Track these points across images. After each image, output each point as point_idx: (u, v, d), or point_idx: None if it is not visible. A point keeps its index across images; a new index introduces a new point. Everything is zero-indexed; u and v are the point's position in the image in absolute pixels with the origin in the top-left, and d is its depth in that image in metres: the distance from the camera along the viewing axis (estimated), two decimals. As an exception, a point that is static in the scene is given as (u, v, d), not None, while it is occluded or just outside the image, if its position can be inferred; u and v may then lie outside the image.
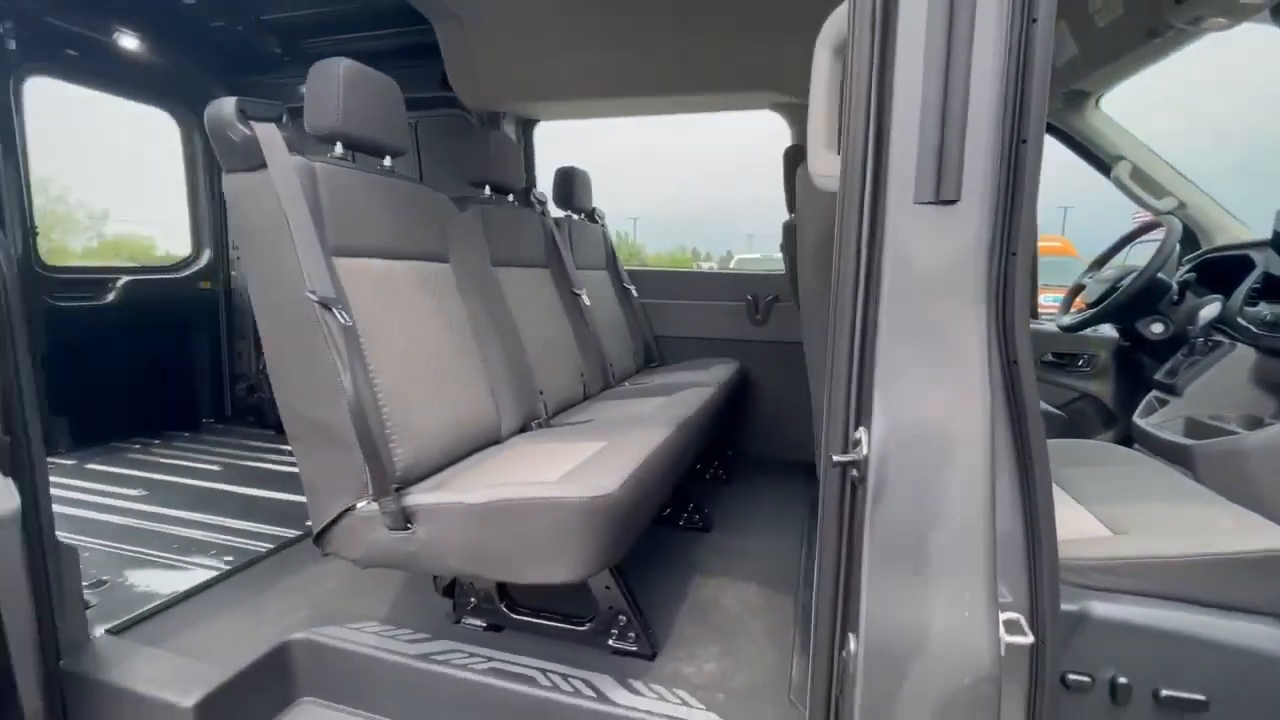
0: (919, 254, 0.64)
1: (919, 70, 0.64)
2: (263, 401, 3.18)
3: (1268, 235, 1.56)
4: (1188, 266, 1.95)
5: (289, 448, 1.23)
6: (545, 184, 2.78)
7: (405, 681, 1.27)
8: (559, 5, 2.44)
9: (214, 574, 1.59)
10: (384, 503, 1.08)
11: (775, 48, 2.33)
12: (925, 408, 0.66)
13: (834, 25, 0.76)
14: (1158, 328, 1.76)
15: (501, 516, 1.03)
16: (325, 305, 1.06)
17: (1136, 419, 1.59)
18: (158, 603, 1.45)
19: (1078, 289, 2.11)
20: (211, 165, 3.32)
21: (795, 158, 2.17)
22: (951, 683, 0.66)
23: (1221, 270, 1.77)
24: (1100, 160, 2.16)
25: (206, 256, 3.34)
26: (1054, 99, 2.11)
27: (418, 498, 1.10)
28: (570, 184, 2.50)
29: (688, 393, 1.95)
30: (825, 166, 0.77)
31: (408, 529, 1.09)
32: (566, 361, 2.03)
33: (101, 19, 2.71)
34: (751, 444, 2.69)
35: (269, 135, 1.09)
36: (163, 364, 3.22)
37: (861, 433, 0.67)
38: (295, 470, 2.18)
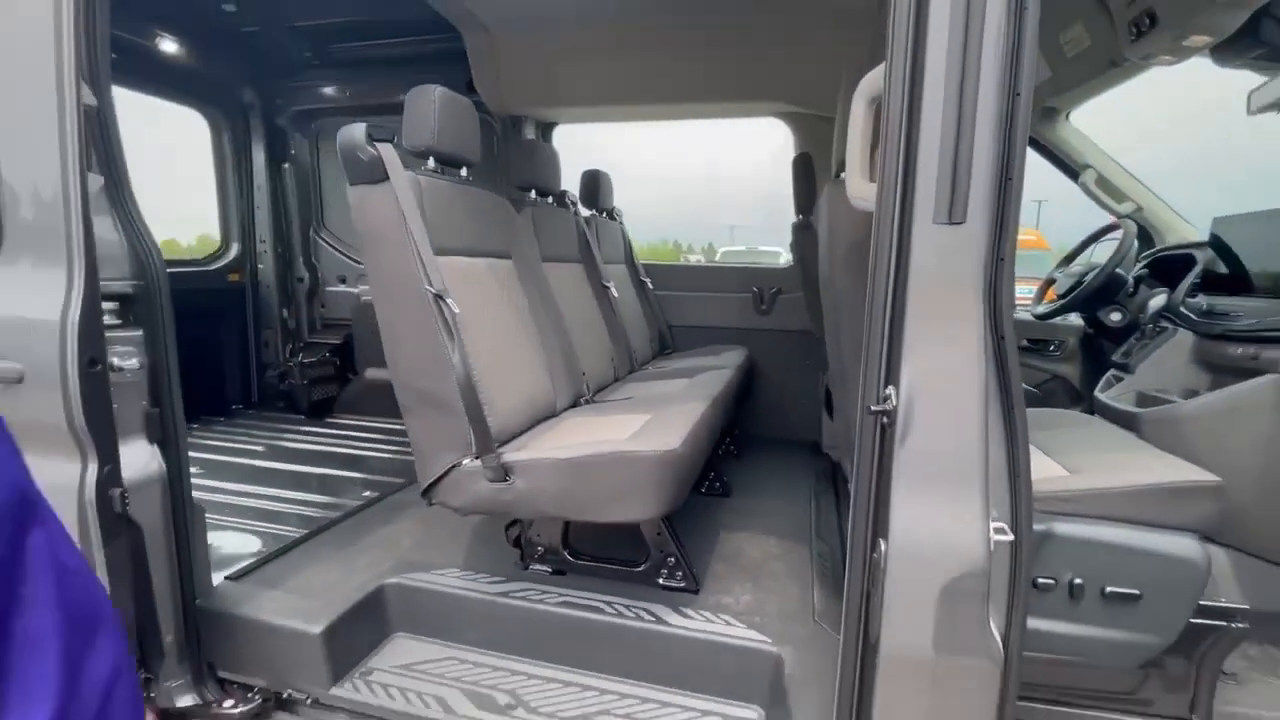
0: (936, 259, 0.88)
1: (938, 125, 0.88)
2: (294, 388, 3.35)
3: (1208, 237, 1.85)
4: (1143, 263, 2.23)
5: (321, 430, 1.42)
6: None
7: (486, 615, 1.50)
8: (580, 18, 2.65)
9: (301, 534, 1.80)
10: (486, 459, 1.31)
11: (782, 62, 2.56)
12: (939, 373, 0.90)
13: (869, 83, 1.00)
14: (1116, 316, 2.05)
15: (589, 468, 1.27)
16: (439, 297, 1.28)
17: (1097, 393, 1.87)
18: (263, 555, 1.67)
19: (1050, 282, 2.39)
20: (240, 163, 3.47)
21: (804, 166, 2.42)
22: (955, 571, 0.91)
23: (1171, 266, 2.06)
24: (1069, 167, 2.44)
25: (235, 250, 3.49)
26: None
27: (514, 455, 1.33)
28: (596, 185, 2.73)
29: (708, 375, 2.20)
30: (862, 191, 1.01)
31: (506, 481, 1.32)
32: (600, 347, 2.27)
33: (143, 24, 2.84)
34: (758, 424, 2.94)
35: (389, 154, 1.30)
36: (195, 353, 3.37)
37: (891, 390, 0.92)
38: (333, 449, 2.41)
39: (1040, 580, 1.11)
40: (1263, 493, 1.45)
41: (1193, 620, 1.10)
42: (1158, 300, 1.87)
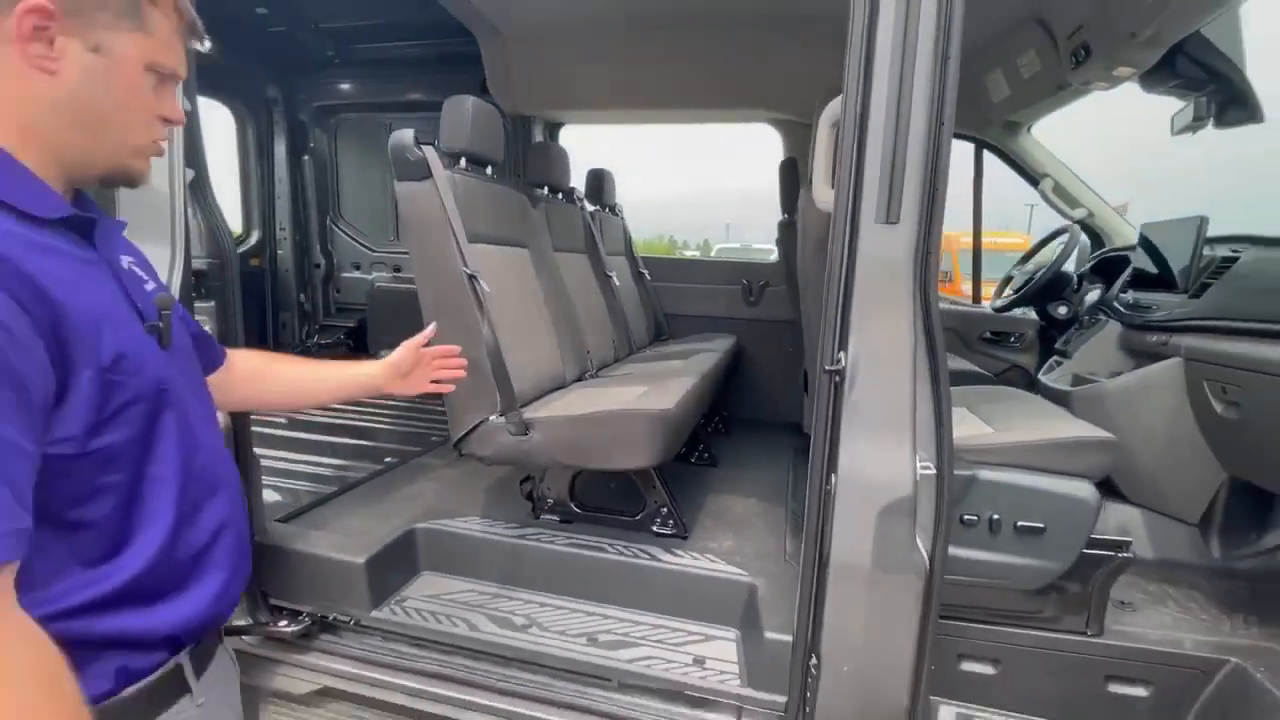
0: (877, 252, 1.12)
1: (880, 145, 1.12)
2: (311, 366, 3.57)
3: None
4: (1092, 262, 2.50)
5: (338, 406, 1.62)
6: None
7: (504, 555, 1.74)
8: (588, 27, 2.87)
9: (334, 489, 2.03)
10: (510, 416, 1.55)
11: (772, 74, 2.79)
12: (878, 341, 1.15)
13: (830, 111, 1.24)
14: (1062, 310, 2.31)
15: (596, 423, 1.51)
16: (473, 277, 1.52)
17: (1039, 375, 2.13)
18: (304, 505, 1.90)
19: (1008, 279, 2.65)
20: (262, 154, 3.68)
21: (790, 170, 2.66)
22: (888, 497, 1.15)
23: (1112, 266, 2.31)
24: (1030, 176, 2.69)
25: (256, 236, 3.70)
26: (993, 127, 2.63)
27: (533, 413, 1.57)
28: (600, 183, 2.96)
29: (699, 357, 2.44)
30: (824, 196, 1.25)
31: (526, 434, 1.56)
32: (603, 330, 2.51)
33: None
34: (744, 406, 3.19)
35: (431, 155, 1.53)
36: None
37: (842, 354, 1.16)
38: (350, 423, 2.64)
39: (966, 517, 1.36)
40: (1166, 455, 1.72)
41: (1086, 551, 1.35)
42: (1093, 295, 2.13)
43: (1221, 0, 1.50)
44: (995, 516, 1.35)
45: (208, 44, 0.91)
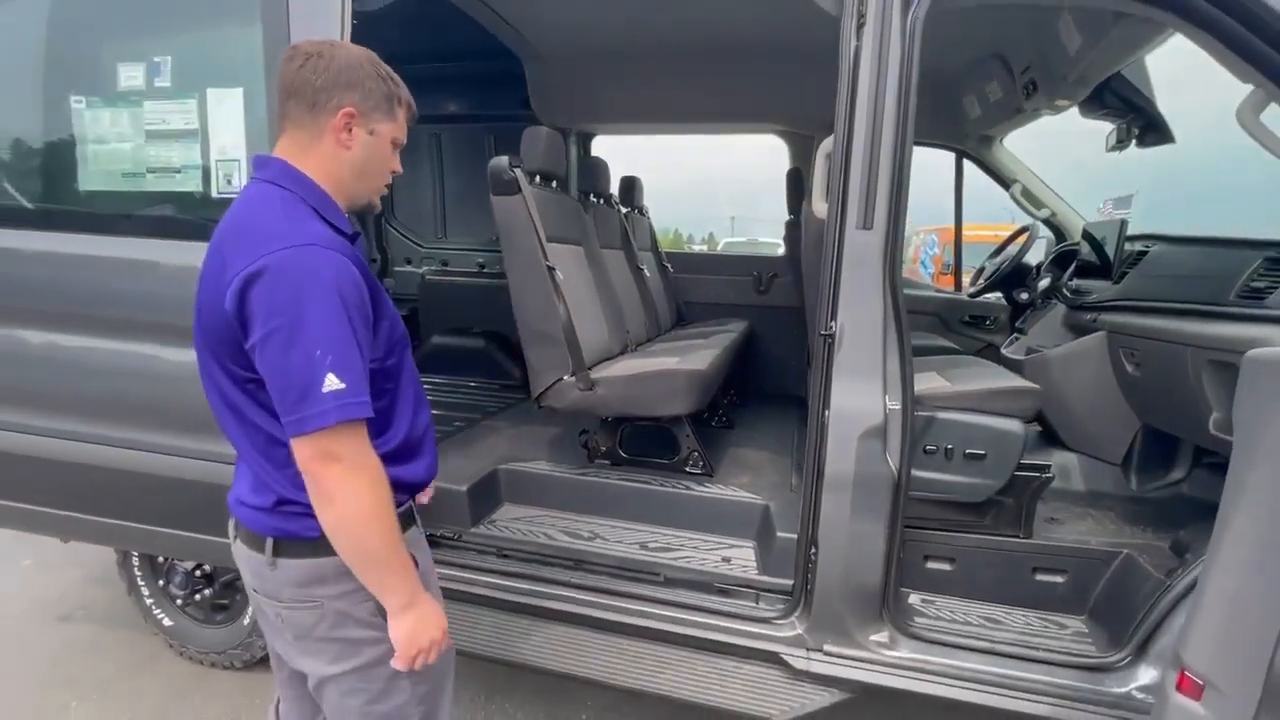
0: (857, 251, 1.57)
1: (859, 171, 1.57)
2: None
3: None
4: (1053, 255, 2.94)
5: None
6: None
7: (568, 488, 2.20)
8: (619, 51, 3.32)
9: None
10: (580, 376, 2.02)
11: (780, 93, 3.23)
12: (858, 313, 1.60)
13: (824, 146, 1.68)
14: (1023, 295, 2.76)
15: (647, 380, 1.98)
16: (551, 268, 1.98)
17: (1002, 349, 2.58)
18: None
19: (981, 269, 3.10)
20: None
21: (795, 178, 3.11)
22: (865, 425, 1.60)
23: (1067, 258, 2.76)
24: (1003, 181, 3.13)
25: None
26: (970, 140, 3.08)
27: (596, 374, 2.04)
28: (631, 188, 3.42)
29: (718, 335, 2.90)
30: (820, 208, 1.70)
31: (592, 390, 2.03)
32: (637, 313, 2.97)
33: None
34: (756, 382, 3.64)
35: (520, 175, 2.00)
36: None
37: (833, 323, 1.62)
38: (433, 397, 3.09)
39: (928, 448, 1.81)
40: (1094, 409, 2.17)
41: (1018, 474, 1.80)
42: (1044, 283, 2.58)
43: (1129, 52, 1.94)
44: (949, 446, 1.80)
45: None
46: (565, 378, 2.06)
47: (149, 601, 2.42)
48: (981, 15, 2.26)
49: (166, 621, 2.41)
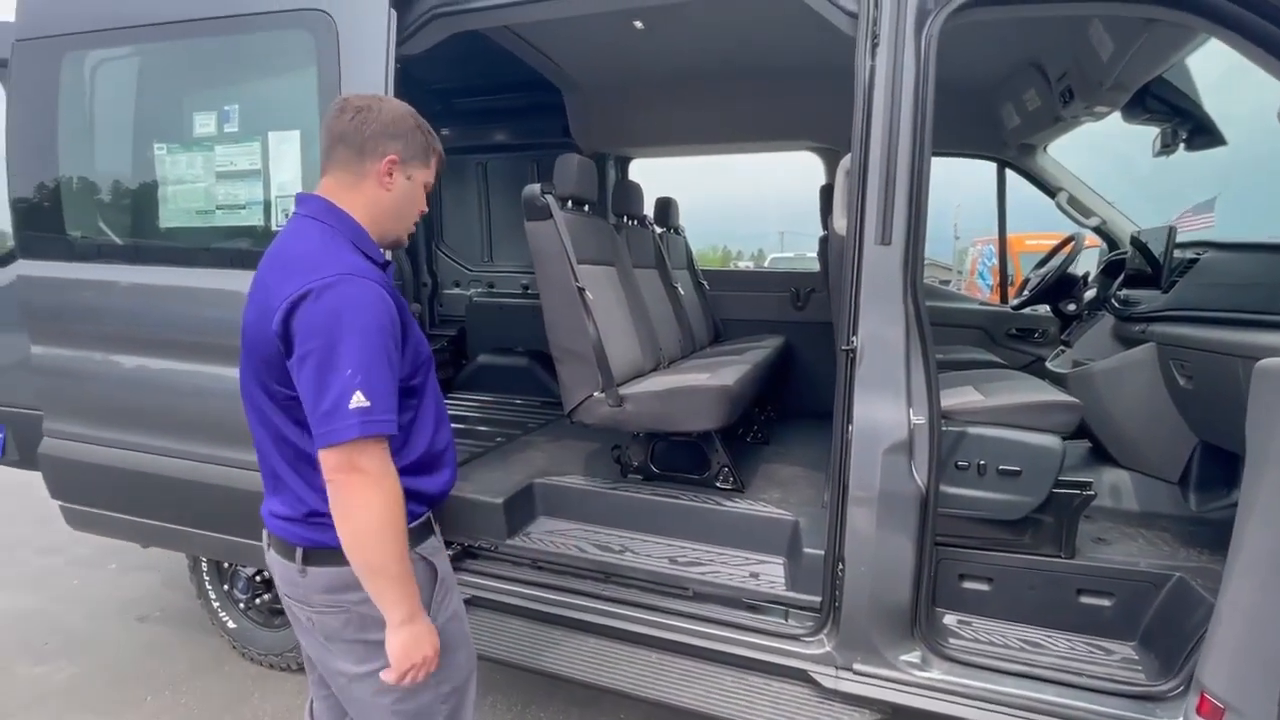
0: (876, 266, 1.58)
1: (876, 188, 1.58)
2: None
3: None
4: (1103, 264, 2.82)
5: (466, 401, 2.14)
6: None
7: (602, 502, 2.25)
8: (655, 79, 3.42)
9: (468, 456, 2.61)
10: (609, 392, 2.08)
11: (812, 110, 3.26)
12: (879, 326, 1.60)
13: (844, 164, 1.70)
14: (1070, 306, 2.66)
15: (674, 395, 2.02)
16: (582, 289, 2.06)
17: (1046, 363, 2.49)
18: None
19: (1025, 281, 3.00)
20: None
21: (829, 193, 3.11)
22: (889, 440, 1.60)
23: (1118, 268, 2.65)
24: (1047, 189, 3.04)
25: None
26: (1010, 149, 3.01)
27: (625, 390, 2.09)
28: (666, 209, 3.49)
29: (752, 352, 2.91)
30: (841, 225, 1.72)
31: (621, 406, 2.08)
32: (671, 331, 3.02)
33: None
34: (794, 397, 3.61)
35: (551, 200, 2.10)
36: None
37: (854, 338, 1.62)
38: (457, 413, 3.25)
39: (959, 463, 1.78)
40: (1146, 424, 2.08)
41: (1057, 491, 1.74)
42: (1090, 294, 2.48)
43: (1166, 56, 1.88)
44: (982, 462, 1.76)
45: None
46: (595, 394, 2.12)
47: (215, 605, 2.60)
48: (1014, 25, 2.24)
49: (230, 624, 2.59)
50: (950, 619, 1.85)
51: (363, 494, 1.10)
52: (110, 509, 2.37)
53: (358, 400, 1.06)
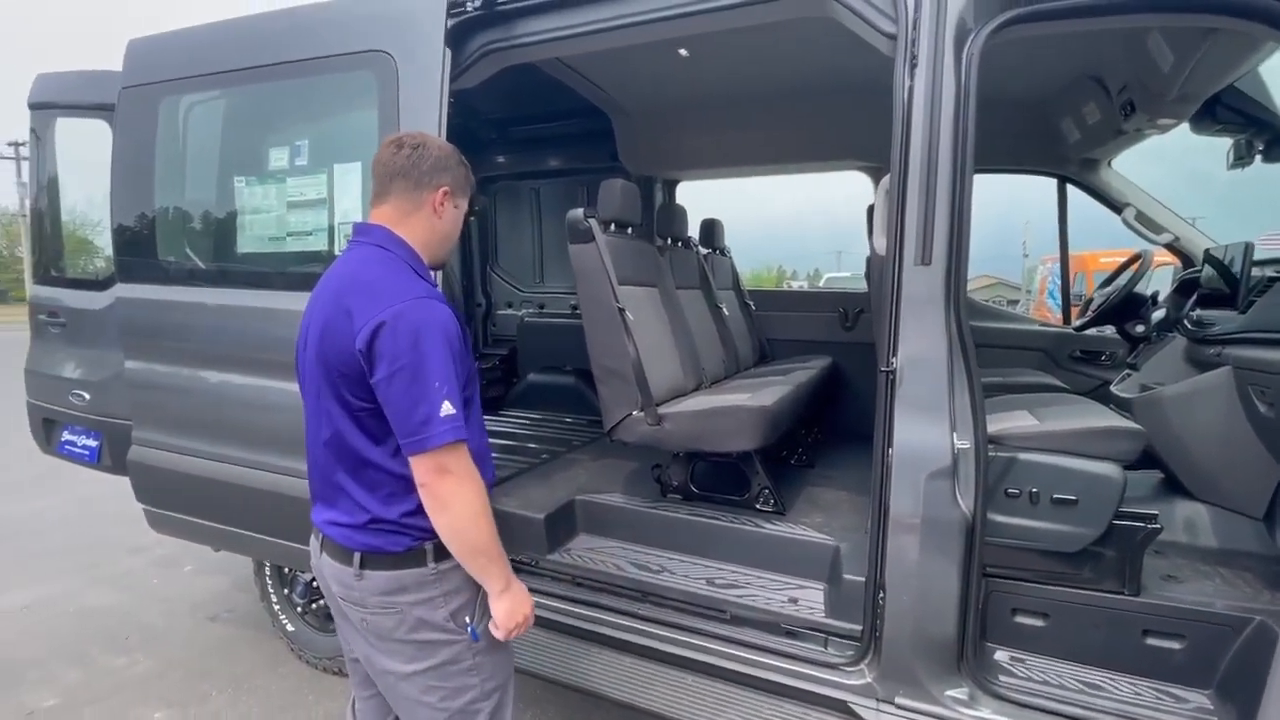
0: (916, 287, 1.55)
1: (916, 208, 1.56)
2: (474, 386, 4.37)
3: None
4: (1176, 283, 2.66)
5: (496, 418, 2.24)
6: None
7: (641, 522, 2.26)
8: (701, 104, 3.48)
9: (512, 472, 2.67)
10: (649, 411, 2.10)
11: (859, 129, 3.23)
12: (920, 347, 1.56)
13: (884, 184, 1.69)
14: (1139, 328, 2.51)
15: (713, 415, 2.03)
16: (621, 310, 2.11)
17: (1111, 387, 2.35)
18: (497, 480, 2.54)
19: (1088, 302, 2.86)
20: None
21: (873, 215, 3.06)
22: (932, 465, 1.55)
23: (1192, 286, 2.49)
24: (1113, 205, 2.90)
25: (440, 284, 4.61)
26: (1071, 164, 2.89)
27: (664, 409, 2.11)
28: (712, 230, 3.52)
29: (796, 373, 2.88)
30: (881, 245, 1.70)
31: (660, 425, 2.10)
32: (715, 352, 3.02)
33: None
34: (841, 418, 3.53)
35: (594, 224, 2.17)
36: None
37: (894, 359, 1.59)
38: (508, 429, 3.32)
39: (1010, 490, 1.70)
40: (1223, 454, 1.94)
41: (1118, 522, 1.64)
42: (1158, 314, 2.34)
43: (1233, 65, 1.78)
44: (1034, 490, 1.68)
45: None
46: (634, 413, 2.15)
47: (276, 608, 2.74)
48: (1067, 38, 2.17)
49: (289, 627, 2.72)
50: (1002, 655, 1.76)
51: (457, 491, 1.23)
52: (186, 513, 2.55)
53: (446, 409, 1.19)
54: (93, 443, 2.80)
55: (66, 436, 2.89)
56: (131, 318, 2.55)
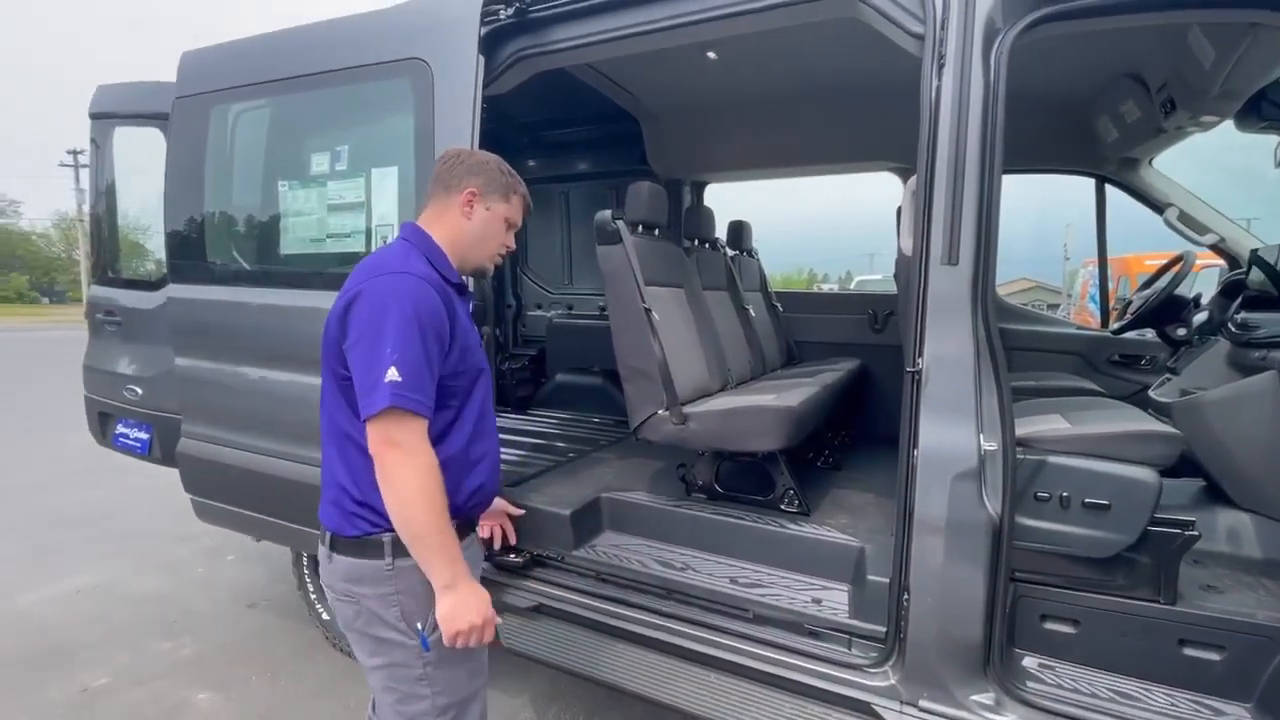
0: (942, 286, 1.55)
1: (942, 210, 1.56)
2: (503, 387, 4.43)
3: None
4: (1222, 285, 2.57)
5: (525, 417, 2.27)
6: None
7: (666, 520, 2.28)
8: (729, 106, 3.49)
9: (539, 469, 2.72)
10: (674, 410, 2.13)
11: (890, 129, 3.19)
12: (946, 348, 1.56)
13: (910, 184, 1.69)
14: (1180, 331, 2.44)
15: (737, 415, 2.04)
16: (648, 310, 2.14)
17: (1150, 391, 2.29)
18: (520, 477, 2.59)
19: (1127, 304, 2.78)
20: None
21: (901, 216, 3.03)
22: (958, 467, 1.54)
23: (1239, 288, 2.40)
24: (1155, 205, 2.82)
25: (471, 285, 4.71)
26: (1110, 164, 2.83)
27: (690, 409, 2.14)
28: (739, 232, 3.53)
29: (823, 374, 2.87)
30: (907, 245, 1.70)
31: (685, 424, 2.12)
32: (741, 353, 3.03)
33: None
34: (868, 421, 3.50)
35: (621, 226, 2.20)
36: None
37: (920, 359, 1.59)
38: (537, 429, 3.35)
39: (1039, 495, 1.67)
40: (1268, 461, 1.87)
41: (1154, 529, 1.60)
42: (1200, 316, 2.27)
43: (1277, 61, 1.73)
44: (1065, 494, 1.65)
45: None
46: (659, 412, 2.17)
47: (313, 597, 2.84)
48: (1102, 36, 2.13)
49: (325, 616, 2.81)
50: (1030, 661, 1.73)
51: (399, 467, 1.22)
52: (229, 503, 2.66)
53: (391, 375, 1.19)
54: (144, 435, 2.94)
55: (120, 429, 3.04)
56: (181, 316, 2.68)
